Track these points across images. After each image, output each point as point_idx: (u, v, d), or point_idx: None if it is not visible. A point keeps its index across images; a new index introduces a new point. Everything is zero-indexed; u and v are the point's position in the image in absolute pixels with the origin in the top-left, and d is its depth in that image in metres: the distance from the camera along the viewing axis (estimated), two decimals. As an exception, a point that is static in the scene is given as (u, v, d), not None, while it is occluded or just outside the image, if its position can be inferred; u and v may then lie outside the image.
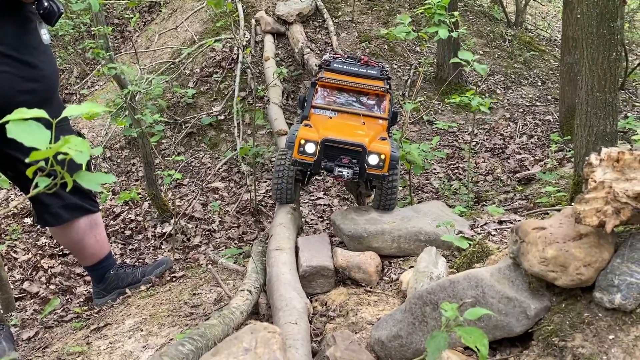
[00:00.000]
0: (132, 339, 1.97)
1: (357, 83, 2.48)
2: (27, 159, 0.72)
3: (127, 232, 3.63)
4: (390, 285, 2.02)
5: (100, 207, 2.56)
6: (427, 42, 5.42)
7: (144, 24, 6.49)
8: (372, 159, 2.23)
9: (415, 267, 1.83)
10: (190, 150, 4.72)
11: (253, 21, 5.68)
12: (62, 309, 2.69)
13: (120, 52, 5.85)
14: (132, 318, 2.18)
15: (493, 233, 2.22)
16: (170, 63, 5.34)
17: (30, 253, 3.33)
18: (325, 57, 2.60)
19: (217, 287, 2.30)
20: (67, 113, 0.77)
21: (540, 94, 5.56)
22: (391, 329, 1.50)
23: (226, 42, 5.39)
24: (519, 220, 2.19)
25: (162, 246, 3.43)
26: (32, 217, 3.55)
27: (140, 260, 3.30)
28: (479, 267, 1.69)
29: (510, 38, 6.34)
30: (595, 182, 1.20)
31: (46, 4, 2.04)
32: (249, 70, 4.91)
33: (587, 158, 1.24)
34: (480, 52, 5.90)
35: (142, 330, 2.03)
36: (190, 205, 3.80)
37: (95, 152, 0.78)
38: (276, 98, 4.48)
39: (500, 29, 6.49)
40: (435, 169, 4.23)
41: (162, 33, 5.99)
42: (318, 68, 2.61)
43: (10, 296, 2.58)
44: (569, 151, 3.81)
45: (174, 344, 1.37)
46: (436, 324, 1.41)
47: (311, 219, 3.67)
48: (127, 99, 3.19)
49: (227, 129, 4.76)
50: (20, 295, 2.91)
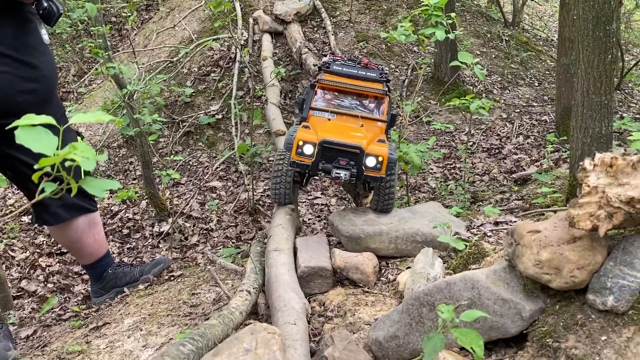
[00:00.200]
0: (131, 338, 1.99)
1: (356, 85, 2.48)
2: (35, 165, 0.73)
3: (125, 231, 3.63)
4: (388, 286, 2.04)
5: (98, 205, 2.57)
6: (426, 45, 5.44)
7: (141, 22, 6.49)
8: (370, 161, 2.22)
9: (412, 268, 1.84)
10: (188, 149, 4.73)
11: (251, 20, 5.68)
12: (60, 307, 2.70)
13: (118, 51, 5.84)
14: (131, 317, 2.19)
15: (489, 234, 2.24)
16: (168, 62, 5.34)
17: (28, 251, 3.34)
18: (325, 59, 2.60)
19: (215, 287, 2.31)
20: (75, 120, 0.78)
21: (536, 94, 5.58)
22: (388, 329, 1.52)
23: (224, 41, 5.39)
24: (515, 221, 2.22)
25: (160, 245, 3.44)
26: (30, 216, 3.55)
27: (138, 259, 3.31)
28: (475, 269, 1.72)
29: (507, 38, 6.36)
30: (589, 186, 1.22)
31: (46, 5, 2.04)
32: (246, 69, 4.92)
33: (581, 163, 1.26)
34: (477, 53, 5.92)
35: (141, 330, 2.04)
36: (187, 204, 3.80)
37: (100, 158, 0.79)
38: (274, 98, 4.49)
39: (497, 29, 6.51)
40: (432, 169, 4.25)
41: (160, 32, 5.99)
42: (317, 70, 2.61)
43: (8, 294, 2.58)
44: (565, 152, 3.83)
45: (174, 344, 1.38)
46: (433, 325, 1.43)
47: (309, 219, 3.68)
48: (126, 99, 3.19)
49: (225, 128, 4.77)
50: (18, 293, 2.92)
